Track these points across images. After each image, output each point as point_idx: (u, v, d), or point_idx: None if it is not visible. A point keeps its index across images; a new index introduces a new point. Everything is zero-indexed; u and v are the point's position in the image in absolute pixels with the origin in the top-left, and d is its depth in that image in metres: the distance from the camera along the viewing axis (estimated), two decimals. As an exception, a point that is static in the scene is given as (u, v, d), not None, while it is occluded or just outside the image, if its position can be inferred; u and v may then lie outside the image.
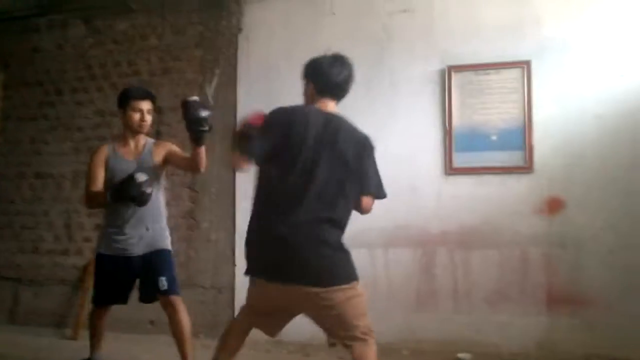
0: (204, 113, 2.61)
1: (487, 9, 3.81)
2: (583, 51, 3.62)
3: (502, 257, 3.63)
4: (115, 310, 3.09)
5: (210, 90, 4.37)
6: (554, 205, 3.56)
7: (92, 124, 4.67)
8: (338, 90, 2.34)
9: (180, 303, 2.90)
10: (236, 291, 4.12)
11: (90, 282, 4.39)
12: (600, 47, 3.60)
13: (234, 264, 4.16)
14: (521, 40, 3.71)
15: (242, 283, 4.10)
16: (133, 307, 3.03)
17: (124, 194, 2.74)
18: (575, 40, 3.64)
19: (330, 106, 2.32)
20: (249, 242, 2.26)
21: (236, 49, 4.38)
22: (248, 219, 4.07)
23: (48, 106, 4.82)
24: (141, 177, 2.73)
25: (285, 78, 4.06)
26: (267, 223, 2.16)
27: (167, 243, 3.03)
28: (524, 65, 3.66)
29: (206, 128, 2.64)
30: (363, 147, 2.25)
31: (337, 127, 2.21)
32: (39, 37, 4.90)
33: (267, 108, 2.46)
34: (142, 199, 2.76)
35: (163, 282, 2.88)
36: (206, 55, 4.42)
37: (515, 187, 3.64)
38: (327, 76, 2.31)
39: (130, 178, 2.72)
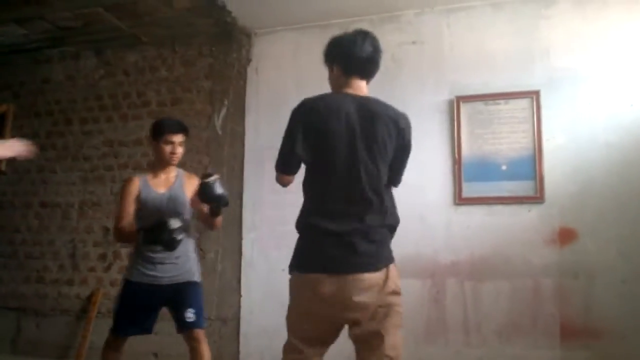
0: (221, 191, 2.68)
1: (496, 40, 3.83)
2: (592, 81, 3.62)
3: (513, 288, 3.56)
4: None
5: (218, 121, 4.39)
6: (565, 235, 3.51)
7: (100, 154, 4.68)
8: (368, 66, 2.17)
9: (204, 336, 2.89)
10: (241, 322, 4.06)
11: (94, 313, 4.38)
12: (609, 77, 3.60)
13: (239, 295, 4.11)
14: (530, 71, 3.72)
15: (247, 314, 4.07)
16: (136, 339, 2.97)
17: (156, 238, 2.73)
18: (584, 70, 3.64)
19: (362, 87, 2.17)
20: (305, 241, 2.12)
21: (245, 80, 4.42)
22: (254, 249, 4.10)
23: (57, 136, 4.85)
24: (175, 223, 2.70)
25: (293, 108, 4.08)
26: (319, 224, 2.05)
27: (197, 274, 2.99)
28: (534, 95, 3.66)
29: (224, 204, 2.74)
30: (402, 130, 2.16)
31: (373, 113, 2.07)
32: (50, 68, 4.97)
33: (274, 139, 2.45)
34: (172, 245, 2.74)
35: (190, 315, 2.84)
36: (215, 87, 4.45)
37: (526, 217, 3.60)
38: (352, 52, 2.14)
39: (164, 224, 2.69)
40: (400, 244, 3.59)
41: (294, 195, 3.94)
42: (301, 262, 2.09)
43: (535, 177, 3.59)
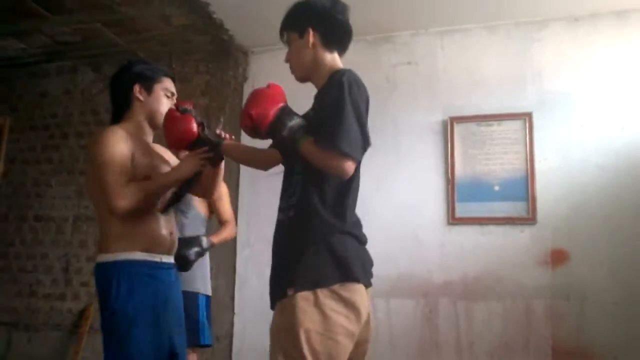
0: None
1: (489, 62, 3.89)
2: (584, 104, 3.67)
3: (505, 309, 3.57)
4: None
5: (214, 138, 4.41)
6: (557, 257, 3.53)
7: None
8: (348, 39, 1.91)
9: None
10: (234, 340, 4.05)
11: (85, 328, 4.36)
12: (600, 100, 3.65)
13: (233, 312, 4.11)
14: (522, 93, 3.78)
15: (240, 332, 4.07)
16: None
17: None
18: (575, 93, 3.70)
19: (340, 64, 1.88)
20: (344, 248, 1.74)
21: (241, 98, 4.44)
22: (248, 267, 4.10)
23: (53, 149, 4.86)
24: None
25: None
26: (348, 225, 1.77)
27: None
28: (526, 117, 3.70)
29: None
30: None
31: None
32: (48, 82, 4.99)
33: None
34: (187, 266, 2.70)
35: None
36: (212, 103, 4.48)
37: (518, 237, 3.63)
38: (336, 19, 1.86)
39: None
40: (394, 262, 3.68)
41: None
42: (352, 271, 1.72)
43: (528, 198, 3.62)
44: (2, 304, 4.73)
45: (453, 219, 3.75)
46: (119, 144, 2.03)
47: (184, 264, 2.66)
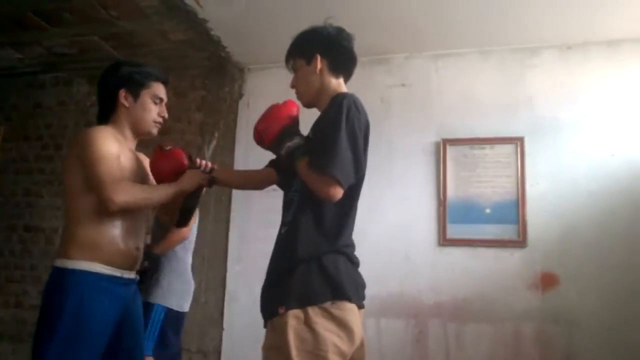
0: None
1: (483, 86, 3.95)
2: (574, 130, 3.73)
3: (495, 332, 3.58)
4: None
5: (208, 153, 4.43)
6: (547, 281, 3.56)
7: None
8: (353, 66, 1.97)
9: None
10: (222, 356, 4.03)
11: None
12: (591, 127, 3.71)
13: (221, 328, 4.08)
14: (515, 118, 3.83)
15: (229, 348, 4.04)
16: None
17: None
18: (567, 119, 3.75)
19: (345, 89, 1.93)
20: (337, 267, 1.75)
21: (236, 114, 4.47)
22: (238, 282, 4.08)
23: (45, 160, 4.84)
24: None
25: (283, 143, 4.14)
26: (341, 245, 1.78)
27: None
28: (518, 142, 3.75)
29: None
30: None
31: None
32: (43, 93, 4.99)
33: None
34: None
35: None
36: (207, 119, 4.50)
37: (508, 260, 3.65)
38: (342, 46, 1.92)
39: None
40: (384, 282, 3.69)
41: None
42: (344, 289, 1.72)
43: (519, 222, 3.65)
44: (-11, 314, 4.68)
45: (444, 240, 3.77)
46: (111, 142, 1.96)
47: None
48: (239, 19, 3.84)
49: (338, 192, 1.68)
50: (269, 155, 2.12)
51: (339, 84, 1.94)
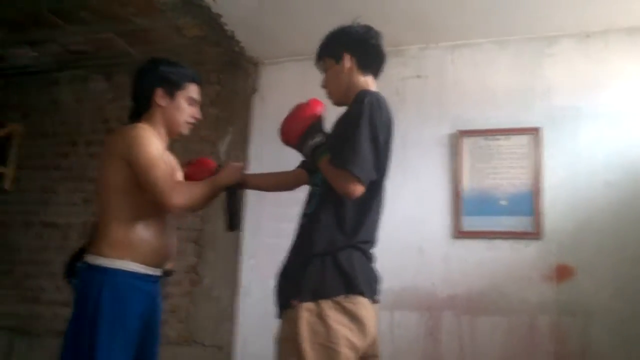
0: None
1: (498, 77, 3.90)
2: (592, 120, 3.66)
3: (509, 324, 3.53)
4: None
5: (223, 148, 4.44)
6: (562, 273, 3.50)
7: (105, 177, 4.71)
8: (381, 64, 2.02)
9: None
10: (236, 350, 4.03)
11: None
12: (609, 117, 3.64)
13: (235, 322, 4.08)
14: (531, 108, 3.77)
15: (242, 342, 4.04)
16: None
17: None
18: (584, 109, 3.69)
19: (373, 87, 1.96)
20: (352, 262, 1.78)
21: (250, 109, 4.47)
22: (252, 277, 4.08)
23: (61, 157, 4.89)
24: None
25: (298, 138, 4.14)
26: (358, 241, 1.81)
27: None
28: (534, 132, 3.69)
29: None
30: None
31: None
32: (59, 90, 5.03)
33: (277, 167, 2.45)
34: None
35: None
36: (221, 114, 4.51)
37: (523, 252, 3.60)
38: (370, 44, 1.96)
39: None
40: (398, 275, 3.66)
41: (292, 225, 3.99)
42: (357, 284, 1.76)
43: (534, 213, 3.59)
44: (5, 309, 4.72)
45: (458, 233, 3.73)
46: (157, 142, 1.99)
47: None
48: (253, 13, 3.84)
49: (358, 189, 1.71)
50: (283, 150, 2.15)
51: (366, 82, 1.97)
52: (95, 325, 1.85)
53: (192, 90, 2.15)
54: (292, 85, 4.40)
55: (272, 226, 4.11)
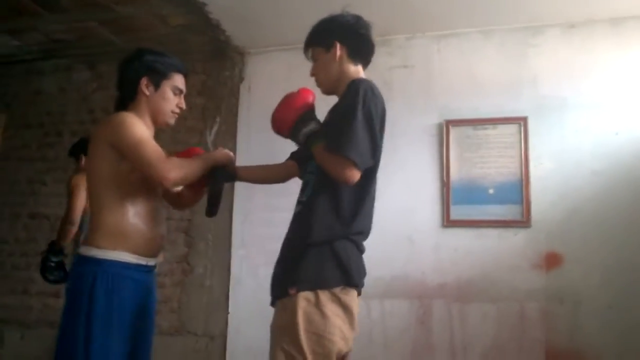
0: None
1: (485, 66, 3.92)
2: (578, 109, 3.71)
3: (499, 312, 3.59)
4: None
5: (210, 137, 4.42)
6: (551, 260, 3.56)
7: (91, 167, 4.68)
8: (371, 54, 2.01)
9: None
10: (228, 340, 4.06)
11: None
12: (595, 106, 3.69)
13: (227, 311, 4.11)
14: (518, 97, 3.80)
15: (234, 331, 4.07)
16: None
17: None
18: (570, 98, 3.73)
19: (363, 76, 1.96)
20: (345, 253, 1.78)
21: (237, 98, 4.45)
22: (243, 266, 4.09)
23: (47, 147, 4.84)
24: None
25: (285, 127, 4.13)
26: (352, 232, 1.81)
27: None
28: (521, 122, 3.73)
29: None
30: None
31: None
32: (43, 79, 4.97)
33: (265, 156, 2.45)
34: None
35: None
36: (208, 104, 4.48)
37: (512, 241, 3.65)
38: (360, 34, 1.95)
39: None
40: (388, 264, 3.69)
41: (284, 214, 3.98)
42: (354, 277, 1.78)
43: (522, 202, 3.64)
44: (-6, 300, 4.71)
45: (448, 222, 3.77)
46: (143, 126, 1.97)
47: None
48: (238, 2, 3.81)
49: (355, 175, 1.72)
50: (271, 139, 2.14)
51: (357, 71, 1.97)
52: (90, 317, 1.83)
53: (178, 80, 2.11)
54: (279, 74, 4.38)
55: (262, 216, 4.12)
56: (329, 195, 1.78)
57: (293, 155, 2.20)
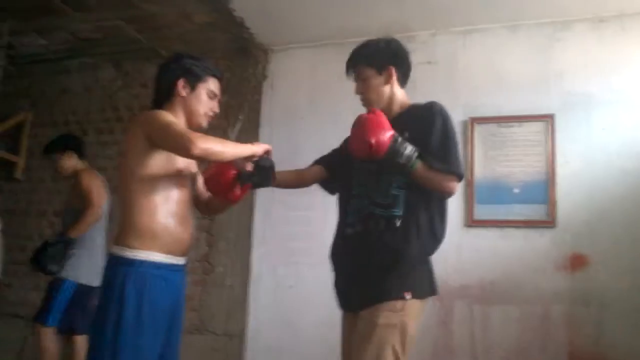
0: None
1: (511, 62, 3.84)
2: (607, 106, 3.60)
3: (522, 314, 3.50)
4: None
5: (233, 135, 4.41)
6: (577, 262, 3.46)
7: (116, 165, 4.71)
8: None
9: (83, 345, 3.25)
10: (247, 339, 4.04)
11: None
12: (624, 103, 3.58)
13: (247, 310, 4.09)
14: (545, 94, 3.71)
15: (253, 331, 4.05)
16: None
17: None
18: (599, 95, 3.63)
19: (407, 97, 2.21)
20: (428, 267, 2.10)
21: (260, 96, 4.45)
22: (263, 265, 4.08)
23: (73, 145, 4.88)
24: None
25: (307, 126, 4.12)
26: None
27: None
28: (548, 119, 3.64)
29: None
30: None
31: None
32: (69, 78, 5.03)
33: (287, 155, 2.43)
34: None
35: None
36: (231, 101, 4.48)
37: (537, 241, 3.55)
38: (409, 62, 2.18)
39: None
40: (409, 264, 3.62)
41: (303, 213, 4.00)
42: (435, 289, 2.11)
43: (548, 202, 3.55)
44: (20, 297, 4.76)
45: (471, 221, 3.69)
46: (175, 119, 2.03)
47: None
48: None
49: (457, 187, 2.01)
50: (294, 140, 2.16)
51: (403, 94, 2.19)
52: (121, 317, 1.87)
53: (213, 84, 2.18)
54: (302, 72, 4.37)
55: (282, 214, 4.10)
56: (425, 211, 2.00)
57: (322, 162, 2.35)
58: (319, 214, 3.96)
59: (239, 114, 4.45)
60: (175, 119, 2.01)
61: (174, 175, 2.03)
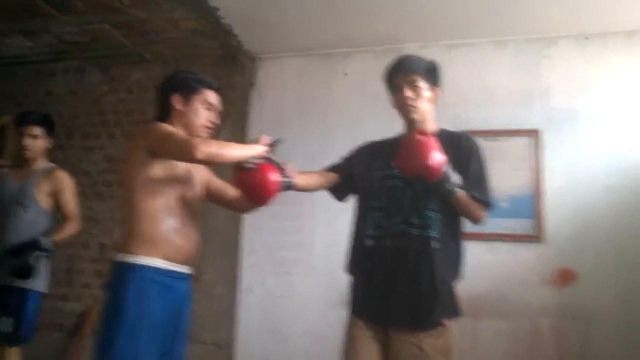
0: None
1: (497, 77, 3.89)
2: (592, 122, 3.67)
3: (511, 328, 3.55)
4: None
5: (219, 142, 4.39)
6: (564, 276, 3.52)
7: (100, 169, 4.68)
8: None
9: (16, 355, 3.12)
10: (236, 349, 4.04)
11: (86, 330, 4.34)
12: (608, 119, 3.65)
13: (235, 320, 4.09)
14: (530, 109, 3.77)
15: (242, 340, 4.05)
16: None
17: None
18: (584, 111, 3.69)
19: None
20: None
21: (248, 104, 4.44)
22: (252, 274, 4.07)
23: (57, 149, 4.80)
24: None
25: (295, 134, 4.11)
26: None
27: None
28: (533, 134, 3.69)
29: None
30: None
31: None
32: (54, 81, 4.97)
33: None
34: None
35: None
36: (218, 108, 4.45)
37: (524, 256, 3.61)
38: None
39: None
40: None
41: (292, 223, 3.99)
42: (459, 309, 2.16)
43: (535, 216, 3.61)
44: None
45: (459, 234, 3.72)
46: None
47: (25, 272, 2.98)
48: (250, 7, 3.79)
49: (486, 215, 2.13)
50: (281, 147, 2.15)
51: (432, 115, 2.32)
52: (121, 319, 1.91)
53: (209, 95, 2.22)
54: (290, 80, 4.37)
55: (271, 224, 4.10)
56: (458, 235, 2.17)
57: (337, 170, 2.40)
58: (307, 224, 3.98)
59: (226, 122, 4.43)
60: (175, 129, 2.08)
61: (175, 182, 2.08)
